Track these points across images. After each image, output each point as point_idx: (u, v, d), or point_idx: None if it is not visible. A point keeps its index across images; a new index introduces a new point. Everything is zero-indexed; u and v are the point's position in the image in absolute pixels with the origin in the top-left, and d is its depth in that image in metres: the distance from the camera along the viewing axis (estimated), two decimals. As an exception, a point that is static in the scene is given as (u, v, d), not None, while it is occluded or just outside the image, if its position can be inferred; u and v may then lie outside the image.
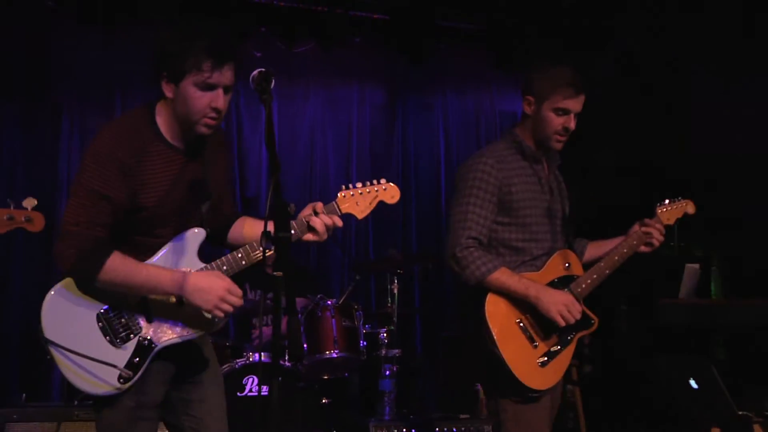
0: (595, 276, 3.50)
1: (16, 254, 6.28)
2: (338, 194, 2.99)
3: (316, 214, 2.87)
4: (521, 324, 3.35)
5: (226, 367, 4.81)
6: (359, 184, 3.03)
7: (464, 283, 3.37)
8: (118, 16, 6.14)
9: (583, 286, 3.46)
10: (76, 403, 4.64)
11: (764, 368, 4.65)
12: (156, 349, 2.84)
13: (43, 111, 6.44)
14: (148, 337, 2.84)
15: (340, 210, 2.96)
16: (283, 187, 2.41)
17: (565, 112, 3.43)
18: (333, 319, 5.27)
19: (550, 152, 3.58)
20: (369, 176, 6.61)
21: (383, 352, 5.24)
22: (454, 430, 4.66)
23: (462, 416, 5.18)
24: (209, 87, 2.74)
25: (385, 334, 5.39)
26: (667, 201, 3.75)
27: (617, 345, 5.75)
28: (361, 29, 6.74)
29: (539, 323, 3.36)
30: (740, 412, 4.14)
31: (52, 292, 2.81)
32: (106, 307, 2.83)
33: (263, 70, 2.58)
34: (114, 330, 2.82)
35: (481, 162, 3.44)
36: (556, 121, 3.44)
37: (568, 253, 3.52)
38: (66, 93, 6.50)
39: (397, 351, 5.30)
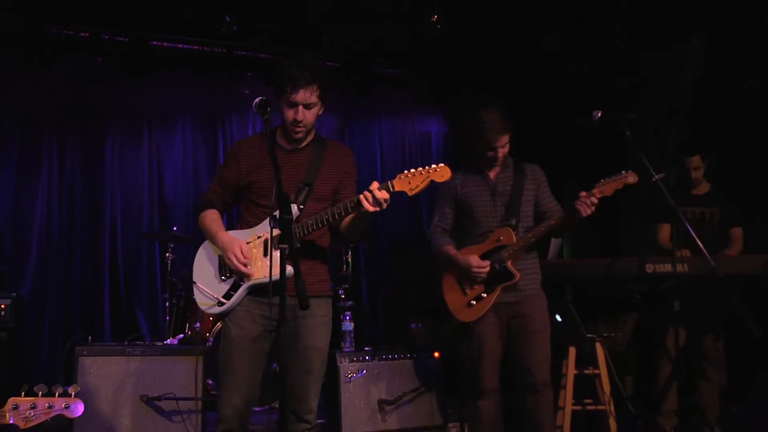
0: (522, 243, 3.59)
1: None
2: (397, 175, 2.76)
3: (369, 190, 2.72)
4: (459, 281, 3.64)
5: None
6: (413, 169, 2.78)
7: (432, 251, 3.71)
8: (150, 69, 6.05)
9: (510, 251, 3.59)
10: (126, 342, 4.56)
11: (598, 307, 4.78)
12: (245, 284, 2.89)
13: (94, 140, 6.36)
14: (242, 276, 2.90)
15: (392, 187, 2.72)
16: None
17: (491, 148, 3.54)
18: None
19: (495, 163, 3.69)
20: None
21: (342, 303, 5.18)
22: (396, 356, 4.59)
23: (401, 347, 5.13)
24: (292, 104, 2.85)
25: (343, 290, 5.38)
26: (609, 176, 3.53)
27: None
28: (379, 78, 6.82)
29: (469, 279, 3.62)
30: (588, 335, 4.33)
31: (204, 243, 3.03)
32: (219, 254, 2.98)
33: (263, 98, 2.68)
34: (223, 269, 2.94)
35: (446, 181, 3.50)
36: (488, 153, 3.58)
37: (503, 230, 3.62)
38: (109, 126, 6.40)
39: (351, 302, 5.26)
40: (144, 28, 5.92)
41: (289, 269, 2.50)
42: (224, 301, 2.92)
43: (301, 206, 2.84)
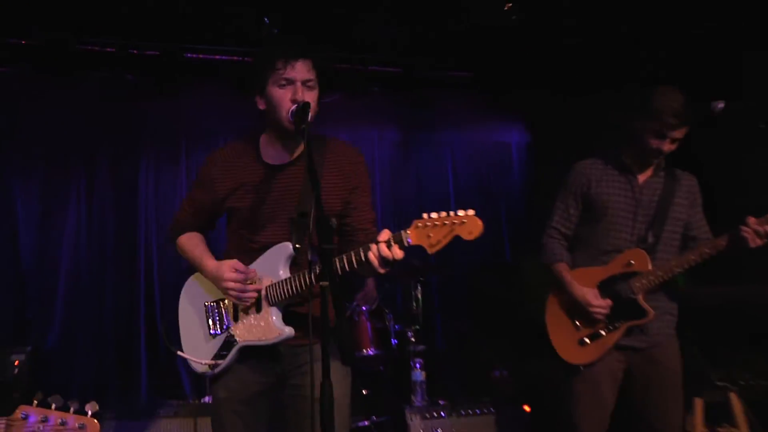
0: (662, 275, 3.31)
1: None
2: (413, 222, 2.39)
3: (377, 243, 2.38)
4: (570, 312, 3.39)
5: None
6: (435, 214, 2.37)
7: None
8: (186, 83, 6.04)
9: (643, 281, 3.31)
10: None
11: (730, 345, 4.47)
12: (237, 346, 2.71)
13: (126, 164, 6.32)
14: (234, 334, 2.72)
15: (408, 240, 2.36)
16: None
17: (664, 137, 3.26)
18: (368, 322, 5.21)
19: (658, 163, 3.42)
20: (391, 201, 6.45)
21: (412, 347, 5.09)
22: (477, 411, 4.50)
23: (484, 399, 5.00)
24: (287, 82, 2.60)
25: (412, 333, 5.22)
26: None
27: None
28: (378, 81, 6.63)
29: (583, 312, 3.35)
30: (719, 383, 4.08)
31: (188, 281, 2.89)
32: (212, 299, 2.79)
33: (301, 102, 2.51)
34: (213, 320, 2.78)
35: (574, 169, 3.49)
36: (654, 142, 3.30)
37: (637, 252, 3.34)
38: (143, 145, 6.37)
39: (422, 346, 5.16)
40: (176, 39, 5.86)
41: (289, 330, 2.48)
42: (218, 362, 2.74)
43: (297, 246, 2.57)
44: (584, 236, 3.50)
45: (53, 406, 2.27)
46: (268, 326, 2.63)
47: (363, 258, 2.40)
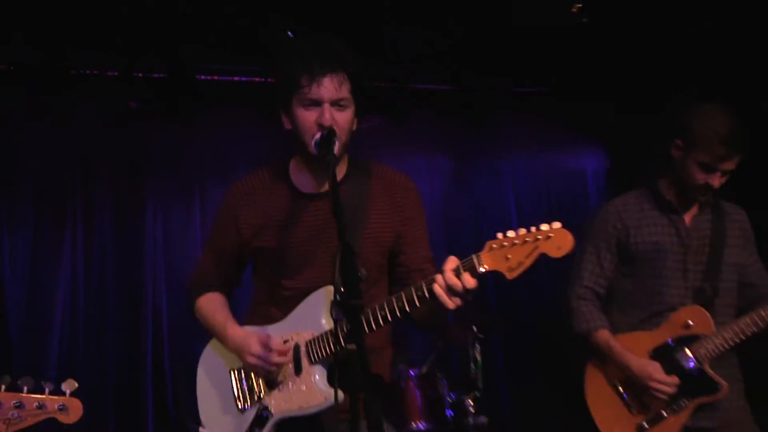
0: (727, 335, 3.10)
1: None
2: (486, 244, 2.24)
3: (443, 272, 2.22)
4: (619, 388, 3.20)
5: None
6: (512, 233, 2.23)
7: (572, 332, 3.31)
8: (196, 111, 5.85)
9: (709, 346, 3.10)
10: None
11: None
12: (272, 420, 2.55)
13: (130, 202, 6.10)
14: (267, 406, 2.56)
15: (481, 265, 2.21)
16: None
17: (712, 170, 3.07)
18: (417, 390, 4.91)
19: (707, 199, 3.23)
20: (443, 241, 6.60)
21: (471, 420, 4.77)
22: None
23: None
24: (312, 103, 2.44)
25: (471, 402, 4.89)
26: None
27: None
28: (424, 100, 6.45)
29: (638, 388, 3.16)
30: None
31: (207, 348, 2.81)
32: (239, 366, 2.66)
33: (326, 130, 2.38)
34: (241, 392, 2.66)
35: (604, 210, 3.32)
36: (700, 176, 3.11)
37: (695, 310, 3.14)
38: (148, 184, 6.16)
39: (485, 419, 4.80)
40: (185, 59, 5.72)
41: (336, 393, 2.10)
42: None
43: (343, 289, 2.22)
44: (624, 294, 3.32)
45: (25, 389, 2.37)
46: (311, 390, 2.48)
47: (426, 293, 2.26)
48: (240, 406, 2.64)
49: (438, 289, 2.22)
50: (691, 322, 3.14)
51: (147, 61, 5.62)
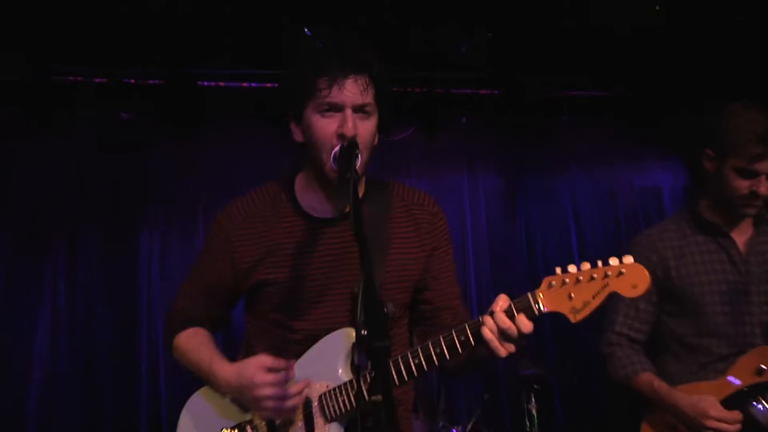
0: None
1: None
2: (543, 280, 2.18)
3: (492, 314, 2.17)
4: None
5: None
6: (573, 268, 2.15)
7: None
8: (198, 123, 5.77)
9: None
10: None
11: None
12: None
13: (122, 231, 5.94)
14: None
15: (539, 306, 2.15)
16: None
17: (753, 174, 3.00)
18: None
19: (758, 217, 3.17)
20: (488, 274, 6.68)
21: None
22: None
23: None
24: (331, 108, 2.33)
25: None
26: None
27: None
28: (467, 108, 6.29)
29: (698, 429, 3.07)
30: None
31: (191, 399, 2.68)
32: (232, 423, 2.56)
33: (347, 141, 2.28)
34: None
35: (635, 242, 3.24)
36: (741, 184, 3.05)
37: (765, 353, 3.05)
38: (143, 209, 6.02)
39: None
40: (187, 62, 5.64)
41: None
42: None
43: (364, 333, 2.11)
44: (675, 338, 3.22)
45: None
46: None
47: (471, 337, 2.20)
48: None
49: (487, 333, 2.15)
50: (765, 367, 3.02)
51: (141, 67, 5.54)
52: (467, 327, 2.20)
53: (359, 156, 2.24)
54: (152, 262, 5.89)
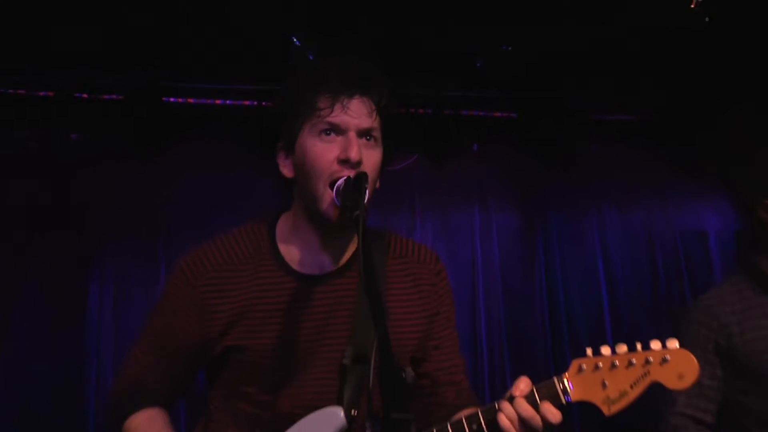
0: None
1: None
2: (572, 363, 2.13)
3: (511, 400, 2.11)
4: None
5: None
6: (607, 349, 2.13)
7: None
8: (163, 146, 5.54)
9: None
10: None
11: None
12: None
13: (66, 276, 5.65)
14: None
15: (567, 393, 2.11)
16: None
17: None
18: None
19: None
20: (502, 332, 6.37)
21: None
22: None
23: None
24: (334, 130, 2.26)
25: None
26: None
27: None
28: (481, 131, 6.07)
29: None
30: None
31: None
32: None
33: (355, 173, 2.20)
34: None
35: (692, 308, 3.22)
36: None
37: None
38: (95, 242, 5.73)
39: None
40: (152, 73, 5.43)
41: None
42: None
43: (354, 413, 2.26)
44: (746, 415, 3.09)
45: None
46: None
47: (485, 427, 2.13)
48: None
49: (505, 421, 2.11)
50: None
51: (96, 78, 5.33)
52: (480, 414, 2.13)
53: (367, 190, 2.13)
54: (103, 306, 5.62)
